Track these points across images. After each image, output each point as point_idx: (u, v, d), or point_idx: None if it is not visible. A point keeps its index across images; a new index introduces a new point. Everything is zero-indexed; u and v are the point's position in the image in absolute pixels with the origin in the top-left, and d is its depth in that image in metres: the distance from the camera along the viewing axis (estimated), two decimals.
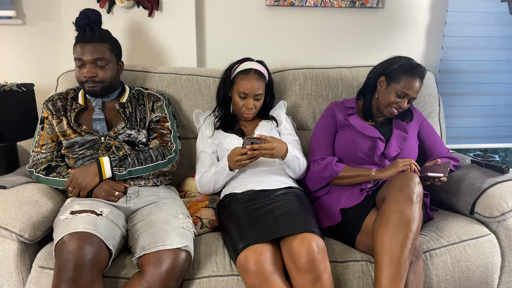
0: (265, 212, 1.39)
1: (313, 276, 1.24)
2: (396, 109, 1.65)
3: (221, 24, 2.16)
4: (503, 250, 1.52)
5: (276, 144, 1.50)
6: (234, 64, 1.74)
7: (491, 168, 1.68)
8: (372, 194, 1.51)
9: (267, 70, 1.76)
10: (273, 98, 1.86)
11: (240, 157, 1.49)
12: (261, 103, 1.71)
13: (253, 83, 1.64)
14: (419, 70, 1.61)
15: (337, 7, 2.18)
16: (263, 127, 1.74)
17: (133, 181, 1.56)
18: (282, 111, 1.82)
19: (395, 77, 1.63)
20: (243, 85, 1.65)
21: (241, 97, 1.67)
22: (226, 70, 1.75)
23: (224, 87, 1.75)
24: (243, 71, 1.68)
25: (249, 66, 1.69)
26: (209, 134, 1.74)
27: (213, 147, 1.73)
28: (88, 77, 1.52)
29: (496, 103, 2.40)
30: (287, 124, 1.80)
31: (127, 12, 2.05)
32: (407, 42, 2.27)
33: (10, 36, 2.13)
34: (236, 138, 1.68)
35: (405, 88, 1.60)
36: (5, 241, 1.32)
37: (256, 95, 1.66)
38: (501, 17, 2.27)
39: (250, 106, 1.66)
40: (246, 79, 1.65)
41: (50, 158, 1.59)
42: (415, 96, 1.63)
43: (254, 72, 1.66)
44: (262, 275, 1.23)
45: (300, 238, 1.27)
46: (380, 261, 1.27)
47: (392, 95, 1.63)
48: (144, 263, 1.25)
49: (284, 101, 1.88)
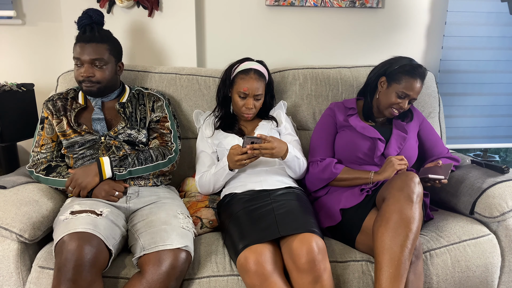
0: (265, 212, 1.39)
1: (313, 276, 1.24)
2: (396, 110, 1.65)
3: (221, 24, 2.16)
4: (503, 250, 1.52)
5: (276, 144, 1.50)
6: (234, 64, 1.74)
7: (491, 168, 1.68)
8: (372, 194, 1.51)
9: (267, 70, 1.76)
10: (273, 98, 1.86)
11: (240, 157, 1.49)
12: (261, 103, 1.71)
13: (253, 83, 1.64)
14: (420, 70, 1.61)
15: (337, 7, 2.18)
16: (263, 127, 1.74)
17: (133, 181, 1.56)
18: (282, 111, 1.81)
19: (396, 77, 1.63)
20: (243, 85, 1.65)
21: (241, 97, 1.67)
22: (226, 70, 1.75)
23: (224, 87, 1.75)
24: (243, 71, 1.68)
25: (249, 66, 1.69)
26: (209, 134, 1.74)
27: (213, 147, 1.72)
28: (85, 77, 1.52)
29: (496, 103, 2.40)
30: (287, 124, 1.79)
31: (127, 12, 2.05)
32: (407, 42, 2.27)
33: (10, 36, 2.13)
34: (236, 138, 1.68)
35: (406, 88, 1.60)
36: (5, 241, 1.32)
37: (256, 95, 1.66)
38: (501, 17, 2.27)
39: (250, 106, 1.66)
40: (246, 79, 1.65)
41: (50, 158, 1.59)
42: (415, 96, 1.63)
43: (254, 72, 1.66)
44: (262, 275, 1.23)
45: (300, 238, 1.27)
46: (380, 261, 1.27)
47: (393, 96, 1.63)
48: (144, 263, 1.25)
49: (284, 101, 1.88)
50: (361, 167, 1.66)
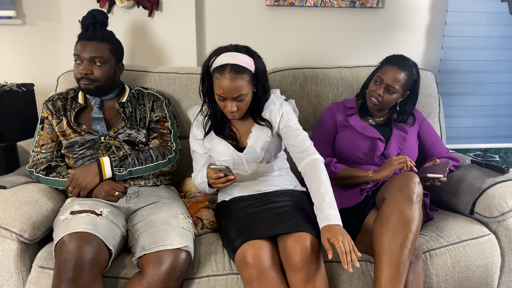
0: (263, 211, 1.40)
1: (305, 275, 1.24)
2: (375, 98, 1.64)
3: (221, 24, 2.16)
4: (503, 250, 1.52)
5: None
6: (211, 57, 1.43)
7: (491, 168, 1.68)
8: (372, 194, 1.51)
9: (253, 56, 1.44)
10: (266, 89, 1.52)
11: (213, 181, 1.38)
12: (246, 103, 1.45)
13: (229, 84, 1.37)
14: (400, 60, 1.63)
15: (337, 7, 2.18)
16: (257, 138, 1.51)
17: (133, 181, 1.56)
18: (275, 105, 1.53)
19: (379, 67, 1.68)
20: (218, 86, 1.39)
21: (220, 100, 1.43)
22: (204, 65, 1.47)
23: (202, 85, 1.49)
24: (218, 68, 1.39)
25: (225, 61, 1.38)
26: (200, 136, 1.56)
27: (204, 149, 1.58)
28: (84, 74, 1.53)
29: (496, 103, 2.40)
30: (289, 117, 1.52)
31: (127, 12, 2.06)
32: (407, 42, 2.27)
33: (10, 36, 2.13)
34: (227, 148, 1.51)
35: (382, 74, 1.63)
36: (5, 241, 1.32)
37: (235, 98, 1.40)
38: (501, 17, 2.27)
39: (230, 109, 1.42)
40: (221, 79, 1.38)
41: (50, 158, 1.59)
42: (391, 83, 1.60)
43: (230, 70, 1.37)
44: (260, 268, 1.23)
45: (295, 236, 1.27)
46: (379, 261, 1.27)
47: (372, 83, 1.66)
48: (144, 263, 1.25)
49: (276, 91, 1.60)
50: (361, 167, 1.67)
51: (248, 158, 1.51)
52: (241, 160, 1.51)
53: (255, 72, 1.44)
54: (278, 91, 1.60)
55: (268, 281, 1.23)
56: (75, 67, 1.56)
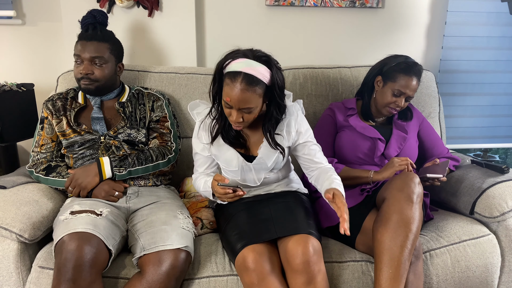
0: (263, 213, 1.39)
1: (306, 277, 1.24)
2: (394, 109, 1.65)
3: (221, 24, 2.16)
4: (503, 250, 1.52)
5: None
6: (227, 59, 1.30)
7: (491, 168, 1.68)
8: (372, 194, 1.51)
9: (271, 68, 1.30)
10: (281, 108, 1.38)
11: (220, 196, 1.33)
12: (254, 115, 1.33)
13: (238, 94, 1.24)
14: (415, 68, 1.61)
15: (337, 7, 2.17)
16: (269, 154, 1.41)
17: (133, 181, 1.56)
18: (292, 116, 1.42)
19: (392, 76, 1.62)
20: (226, 93, 1.27)
21: (227, 107, 1.32)
22: (217, 65, 1.32)
23: (213, 86, 1.36)
24: (230, 74, 1.27)
25: (239, 68, 1.25)
26: (206, 140, 1.45)
27: (210, 153, 1.49)
28: (84, 74, 1.53)
29: (496, 103, 2.40)
30: (307, 135, 1.45)
31: (127, 12, 2.05)
32: (407, 42, 2.27)
33: (10, 36, 2.13)
34: (236, 157, 1.42)
35: (401, 87, 1.60)
36: (5, 241, 1.32)
37: (241, 109, 1.29)
38: (501, 17, 2.27)
39: (234, 120, 1.31)
40: (231, 86, 1.25)
41: (50, 158, 1.59)
42: (411, 94, 1.62)
43: (242, 79, 1.24)
44: (260, 273, 1.23)
45: (296, 239, 1.27)
46: (379, 261, 1.27)
47: (389, 94, 1.63)
48: (144, 263, 1.25)
49: (299, 100, 1.53)
50: (361, 167, 1.67)
51: (257, 168, 1.45)
52: (249, 170, 1.45)
53: (270, 85, 1.31)
54: (291, 96, 1.48)
55: (268, 286, 1.23)
56: (75, 67, 1.56)
